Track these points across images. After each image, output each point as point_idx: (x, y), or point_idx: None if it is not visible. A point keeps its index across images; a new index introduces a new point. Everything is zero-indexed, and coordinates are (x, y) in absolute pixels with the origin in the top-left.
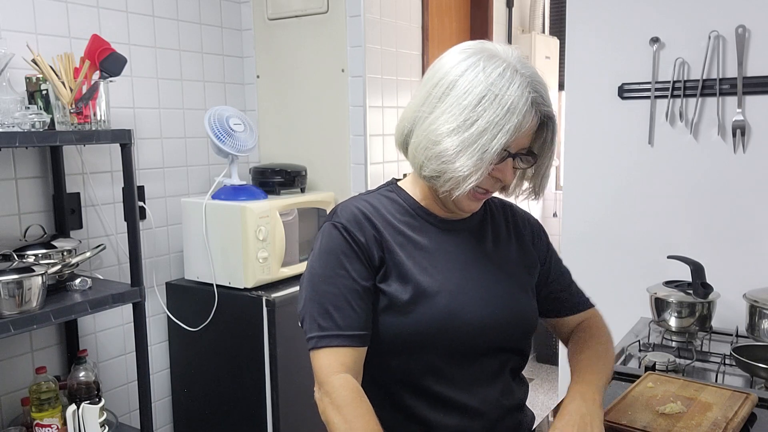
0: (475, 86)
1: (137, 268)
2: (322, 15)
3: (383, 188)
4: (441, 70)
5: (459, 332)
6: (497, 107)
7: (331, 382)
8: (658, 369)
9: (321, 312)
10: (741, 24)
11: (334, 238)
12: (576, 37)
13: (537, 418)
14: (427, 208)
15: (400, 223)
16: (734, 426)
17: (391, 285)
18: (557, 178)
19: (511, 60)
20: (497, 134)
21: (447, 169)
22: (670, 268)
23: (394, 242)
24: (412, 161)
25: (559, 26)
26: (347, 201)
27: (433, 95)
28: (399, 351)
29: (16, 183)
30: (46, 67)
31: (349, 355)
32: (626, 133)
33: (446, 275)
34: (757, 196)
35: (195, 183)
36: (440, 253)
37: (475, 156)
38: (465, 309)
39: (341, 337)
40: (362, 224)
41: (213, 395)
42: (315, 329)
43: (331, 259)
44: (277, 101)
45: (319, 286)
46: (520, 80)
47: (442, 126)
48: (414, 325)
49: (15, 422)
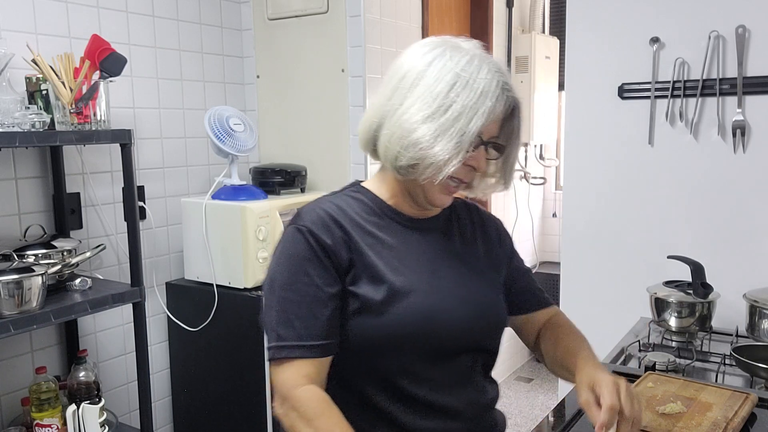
0: (444, 74)
1: (137, 268)
2: (322, 15)
3: (348, 189)
4: (406, 64)
5: (435, 332)
6: (470, 91)
7: (297, 396)
8: (658, 369)
9: (281, 321)
10: (741, 24)
11: (298, 243)
12: (576, 37)
13: (536, 418)
14: (394, 207)
15: (368, 223)
16: (734, 426)
17: (363, 287)
18: (557, 178)
19: (476, 51)
20: (473, 117)
21: (426, 156)
22: (670, 268)
23: (363, 243)
24: (384, 154)
25: (559, 26)
26: (311, 203)
27: (401, 87)
28: (373, 353)
29: (16, 183)
30: (46, 67)
31: (311, 366)
32: (626, 133)
33: (418, 274)
34: (757, 196)
35: (195, 183)
36: (410, 252)
37: (453, 140)
38: (439, 308)
39: (302, 347)
40: (329, 226)
41: (213, 395)
42: (274, 339)
43: (294, 265)
44: (277, 101)
45: (280, 293)
46: (488, 66)
47: (416, 114)
48: (389, 325)
49: (15, 422)
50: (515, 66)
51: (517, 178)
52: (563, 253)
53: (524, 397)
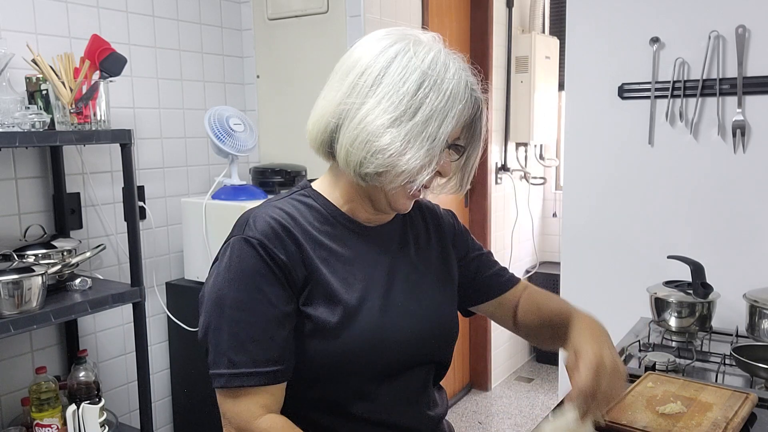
0: (410, 72)
1: (137, 268)
2: (322, 15)
3: (297, 192)
4: (364, 58)
5: (386, 351)
6: (438, 92)
7: (257, 427)
8: (658, 369)
9: (233, 345)
10: (741, 24)
11: (248, 257)
12: (576, 37)
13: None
14: (347, 213)
15: (320, 233)
16: (734, 426)
17: (317, 308)
18: (557, 178)
19: (440, 46)
20: (443, 121)
21: (396, 163)
22: (670, 268)
23: (317, 257)
24: (346, 160)
25: (559, 26)
26: (258, 210)
27: (360, 84)
28: (324, 377)
29: (16, 183)
30: (46, 67)
31: (267, 394)
32: (626, 133)
33: (371, 290)
34: (757, 196)
35: (195, 183)
36: (364, 265)
37: (424, 146)
38: (392, 327)
39: (258, 375)
40: (282, 239)
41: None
42: (224, 365)
43: (245, 282)
44: (277, 101)
45: (230, 313)
46: (454, 65)
47: (381, 117)
48: (341, 349)
49: (15, 422)
50: (515, 66)
51: (517, 178)
52: (563, 253)
53: (524, 397)
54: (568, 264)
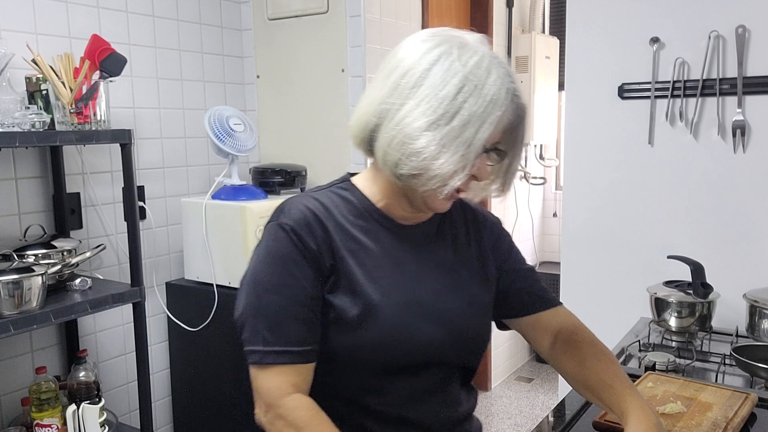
0: (451, 75)
1: (137, 268)
2: (322, 15)
3: (336, 185)
4: (408, 59)
5: (403, 351)
6: (478, 98)
7: (284, 404)
8: (658, 369)
9: (267, 324)
10: (741, 24)
11: (282, 241)
12: (576, 37)
13: (536, 418)
14: (383, 210)
15: (353, 226)
16: (734, 426)
17: (340, 297)
18: (557, 178)
19: (484, 50)
20: (480, 127)
21: (429, 167)
22: (670, 268)
23: (345, 249)
24: (383, 159)
25: (559, 26)
26: (296, 199)
27: (402, 85)
28: (340, 366)
29: (16, 183)
30: (46, 67)
31: (298, 372)
32: (626, 133)
33: (397, 287)
34: (757, 196)
35: (195, 183)
36: (393, 262)
37: (459, 152)
38: (413, 326)
39: (290, 353)
40: (312, 228)
41: (213, 395)
42: (259, 343)
43: (279, 266)
44: (277, 101)
45: (264, 295)
46: (497, 70)
47: (419, 119)
48: (359, 342)
49: (15, 422)
50: (515, 66)
51: (517, 178)
52: (563, 253)
53: (524, 397)
54: (568, 264)
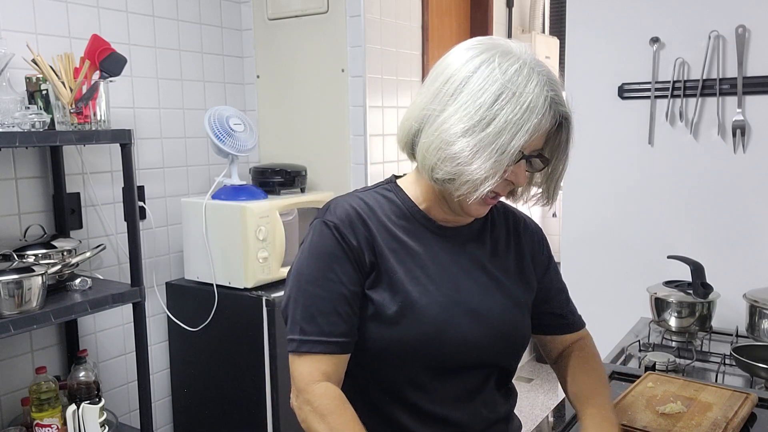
0: (490, 83)
1: (137, 268)
2: (322, 15)
3: (381, 186)
4: (452, 66)
5: (444, 349)
6: (515, 106)
7: (312, 390)
8: (658, 369)
9: (305, 315)
10: (741, 24)
11: (325, 238)
12: (576, 37)
13: (536, 418)
14: (425, 212)
15: (395, 226)
16: (734, 426)
17: (380, 293)
18: None
19: (527, 58)
20: (515, 134)
21: (462, 172)
22: (670, 268)
23: (387, 247)
24: (422, 163)
25: (559, 26)
26: (342, 198)
27: (443, 92)
28: (381, 361)
29: (16, 183)
30: (46, 67)
31: (330, 362)
32: (626, 133)
33: (438, 286)
34: (757, 196)
35: (195, 183)
36: (434, 262)
37: (492, 158)
38: (453, 325)
39: (324, 343)
40: (355, 225)
41: (213, 395)
42: (297, 332)
43: (321, 260)
44: (277, 101)
45: (305, 287)
46: (538, 78)
47: (456, 125)
48: (399, 338)
49: (15, 422)
50: None
51: None
52: (563, 253)
53: (524, 397)
54: (568, 264)
